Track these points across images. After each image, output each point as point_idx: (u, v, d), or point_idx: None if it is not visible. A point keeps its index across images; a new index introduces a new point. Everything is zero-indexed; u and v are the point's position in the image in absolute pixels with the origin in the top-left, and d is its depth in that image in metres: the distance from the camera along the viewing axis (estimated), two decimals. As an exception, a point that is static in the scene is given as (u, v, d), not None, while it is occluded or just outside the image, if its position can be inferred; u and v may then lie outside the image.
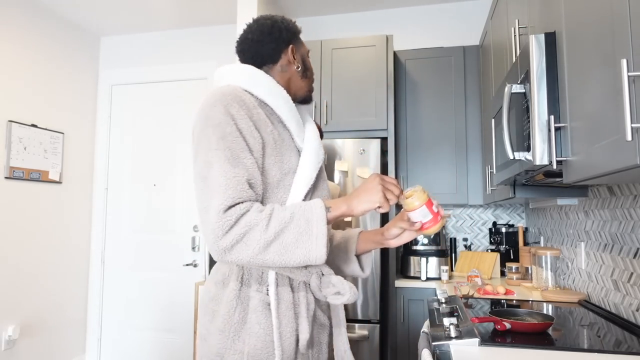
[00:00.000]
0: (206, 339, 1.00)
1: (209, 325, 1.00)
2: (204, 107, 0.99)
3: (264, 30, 1.13)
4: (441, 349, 1.24)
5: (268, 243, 0.90)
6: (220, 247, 0.89)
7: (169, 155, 3.71)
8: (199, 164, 0.95)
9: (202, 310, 1.03)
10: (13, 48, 3.12)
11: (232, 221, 0.89)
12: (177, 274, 3.61)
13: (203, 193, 0.93)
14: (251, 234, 0.89)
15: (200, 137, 0.96)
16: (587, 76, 1.06)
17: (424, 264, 2.72)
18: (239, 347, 0.96)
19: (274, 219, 0.91)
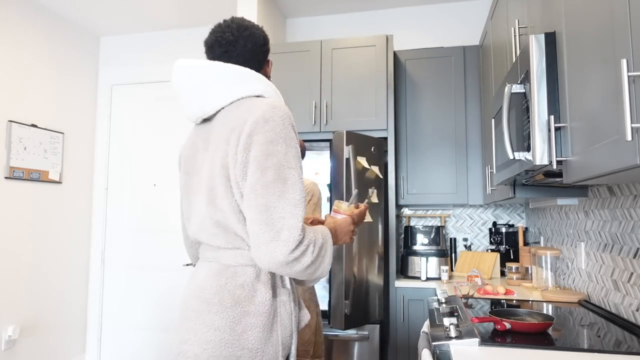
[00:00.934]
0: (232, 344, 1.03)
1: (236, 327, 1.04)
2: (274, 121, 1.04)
3: (256, 39, 1.19)
4: (441, 349, 1.24)
5: (311, 262, 1.02)
6: (289, 258, 0.98)
7: (169, 155, 3.71)
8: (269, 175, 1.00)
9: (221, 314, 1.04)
10: (13, 48, 3.12)
11: (303, 236, 1.00)
12: (177, 274, 3.61)
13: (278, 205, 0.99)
14: (307, 252, 1.01)
15: (271, 150, 1.01)
16: (587, 76, 1.06)
17: (424, 264, 2.72)
18: (275, 339, 1.06)
19: (317, 242, 1.04)
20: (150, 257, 3.68)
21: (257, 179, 1.00)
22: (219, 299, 1.05)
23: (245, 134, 1.02)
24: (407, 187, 2.96)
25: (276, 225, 0.97)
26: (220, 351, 1.02)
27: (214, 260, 1.11)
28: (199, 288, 1.09)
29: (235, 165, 1.03)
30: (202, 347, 1.03)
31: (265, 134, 1.01)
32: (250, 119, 1.03)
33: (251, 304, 1.05)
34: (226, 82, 1.11)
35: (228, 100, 1.11)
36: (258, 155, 1.01)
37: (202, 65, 1.12)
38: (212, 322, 1.04)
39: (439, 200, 2.91)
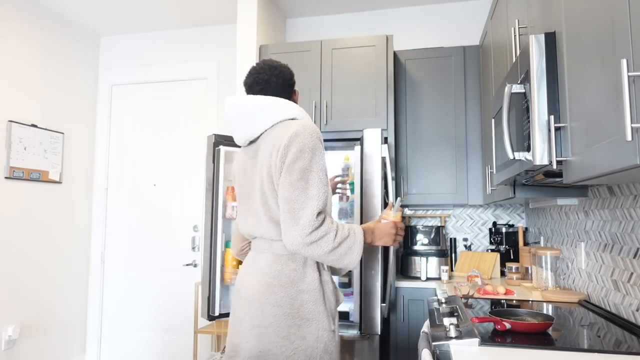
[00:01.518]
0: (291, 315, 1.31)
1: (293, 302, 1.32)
2: (304, 135, 1.32)
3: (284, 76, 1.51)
4: (441, 349, 1.24)
5: (332, 249, 1.27)
6: (306, 241, 1.23)
7: (169, 155, 3.71)
8: (295, 175, 1.28)
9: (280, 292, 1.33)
10: (13, 48, 3.12)
11: (319, 223, 1.25)
12: (177, 274, 3.61)
13: (300, 198, 1.26)
14: (325, 238, 1.25)
15: (299, 157, 1.29)
16: (587, 76, 1.06)
17: (424, 264, 2.72)
18: (323, 310, 1.35)
19: (339, 233, 1.28)
20: (150, 257, 3.68)
21: (286, 178, 1.28)
22: (278, 281, 1.33)
23: (283, 146, 1.31)
24: (407, 187, 2.96)
25: (296, 214, 1.24)
26: (284, 322, 1.31)
27: (268, 251, 1.39)
28: (260, 274, 1.37)
29: (275, 172, 1.32)
30: (268, 321, 1.31)
31: (296, 145, 1.29)
32: (286, 135, 1.32)
33: (303, 283, 1.34)
34: (266, 111, 1.40)
35: (269, 124, 1.41)
36: (289, 161, 1.29)
37: (248, 99, 1.42)
38: (274, 300, 1.32)
39: (439, 200, 2.91)
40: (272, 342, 1.31)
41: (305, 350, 1.30)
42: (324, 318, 1.34)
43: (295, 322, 1.31)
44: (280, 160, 1.30)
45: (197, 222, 3.61)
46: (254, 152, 1.45)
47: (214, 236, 2.48)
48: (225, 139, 2.56)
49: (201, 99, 3.69)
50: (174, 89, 3.76)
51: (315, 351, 1.31)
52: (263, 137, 1.42)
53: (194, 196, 3.63)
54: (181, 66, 3.73)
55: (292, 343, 1.30)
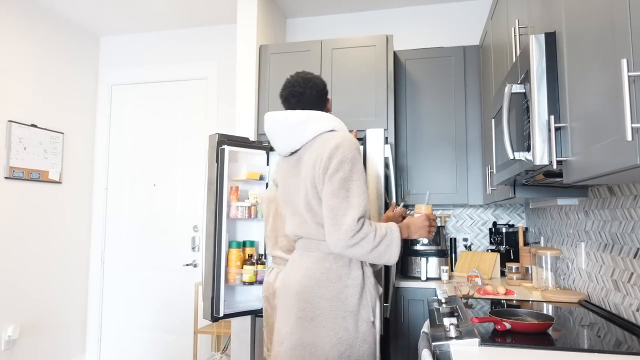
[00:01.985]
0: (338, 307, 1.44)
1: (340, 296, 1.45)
2: (344, 147, 1.43)
3: (319, 88, 1.61)
4: (441, 349, 1.24)
5: (373, 248, 1.39)
6: (348, 243, 1.36)
7: (169, 155, 3.71)
8: (336, 185, 1.40)
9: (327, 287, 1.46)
10: (13, 48, 3.12)
11: (359, 227, 1.37)
12: (177, 274, 3.61)
13: (341, 205, 1.38)
14: (365, 240, 1.38)
15: (340, 167, 1.40)
16: (587, 76, 1.06)
17: (424, 264, 2.72)
18: (365, 302, 1.48)
19: (377, 233, 1.40)
20: (150, 257, 3.68)
21: (328, 188, 1.41)
22: (327, 276, 1.46)
23: (325, 158, 1.43)
24: (407, 187, 2.96)
25: (339, 220, 1.37)
26: (330, 314, 1.43)
27: (316, 250, 1.51)
28: (309, 270, 1.49)
29: (319, 182, 1.44)
30: (315, 313, 1.44)
31: (337, 157, 1.41)
32: (328, 147, 1.44)
33: (349, 279, 1.47)
34: (306, 125, 1.51)
35: (309, 137, 1.52)
36: (331, 172, 1.41)
37: (287, 115, 1.53)
38: (323, 294, 1.45)
39: (439, 200, 2.91)
40: (317, 333, 1.43)
41: (347, 340, 1.42)
42: (365, 311, 1.47)
43: (340, 314, 1.43)
44: (323, 172, 1.43)
45: (197, 222, 3.61)
46: (295, 162, 1.57)
47: (218, 236, 2.46)
48: (228, 138, 2.55)
49: (201, 98, 3.69)
50: (174, 88, 3.76)
51: (356, 341, 1.44)
52: (304, 148, 1.55)
53: (194, 196, 3.63)
54: (181, 66, 3.73)
55: (337, 334, 1.42)
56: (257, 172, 2.64)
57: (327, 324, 1.43)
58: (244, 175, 2.60)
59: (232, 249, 2.53)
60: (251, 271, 2.48)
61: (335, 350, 1.41)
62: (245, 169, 2.59)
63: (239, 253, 2.53)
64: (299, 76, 1.60)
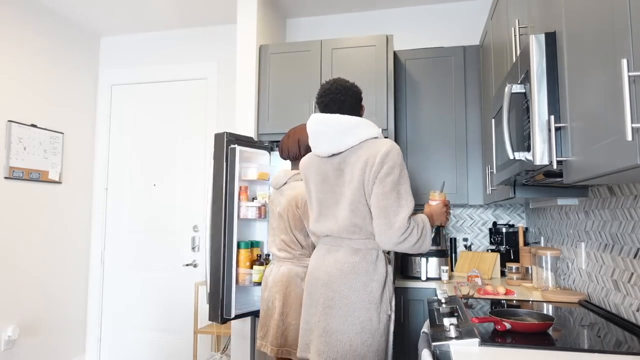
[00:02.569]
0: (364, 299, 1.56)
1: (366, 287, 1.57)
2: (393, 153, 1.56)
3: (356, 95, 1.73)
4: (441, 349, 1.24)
5: (417, 240, 1.53)
6: (400, 239, 1.50)
7: (169, 155, 3.71)
8: (387, 187, 1.53)
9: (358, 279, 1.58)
10: (13, 48, 3.12)
11: (410, 224, 1.52)
12: (177, 274, 3.61)
13: (393, 206, 1.52)
14: (412, 234, 1.53)
15: (391, 172, 1.53)
16: (587, 76, 1.06)
17: (424, 264, 2.72)
18: (385, 297, 1.61)
19: (418, 226, 1.55)
20: (150, 257, 3.68)
21: (379, 189, 1.53)
22: (356, 270, 1.58)
23: (376, 163, 1.54)
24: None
25: (391, 220, 1.51)
26: (356, 304, 1.55)
27: (346, 245, 1.63)
28: (339, 263, 1.60)
29: (369, 184, 1.56)
30: (343, 302, 1.56)
31: (389, 163, 1.54)
32: (379, 153, 1.55)
33: (375, 274, 1.60)
34: (354, 131, 1.61)
35: (357, 141, 1.61)
36: (382, 175, 1.54)
37: (337, 119, 1.62)
38: (351, 285, 1.57)
39: (439, 200, 2.91)
40: (344, 321, 1.55)
41: (370, 330, 1.54)
42: (385, 304, 1.60)
43: (364, 305, 1.56)
44: (374, 175, 1.54)
45: (197, 222, 3.61)
46: (338, 164, 1.66)
47: (229, 237, 2.43)
48: (237, 137, 2.53)
49: (201, 98, 3.69)
50: (174, 88, 3.76)
51: (377, 331, 1.56)
52: (349, 152, 1.63)
53: (194, 196, 3.62)
54: (181, 66, 3.73)
55: (361, 322, 1.54)
56: (266, 172, 2.64)
57: (353, 313, 1.55)
58: (254, 175, 2.58)
59: (241, 250, 2.52)
60: (261, 271, 2.47)
61: (359, 338, 1.53)
62: (255, 169, 2.59)
63: (247, 253, 2.53)
64: (338, 84, 1.70)
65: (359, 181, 1.58)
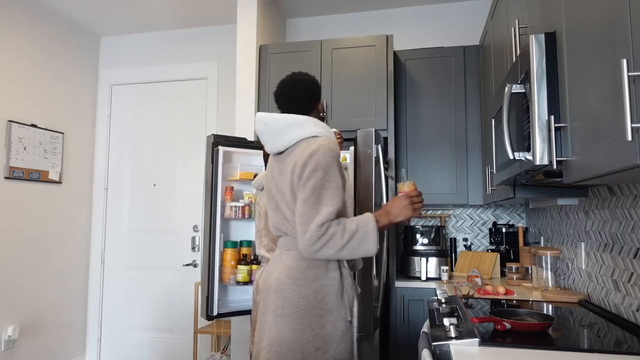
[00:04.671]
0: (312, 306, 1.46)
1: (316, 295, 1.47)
2: (318, 154, 1.44)
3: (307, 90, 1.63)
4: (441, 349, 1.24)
5: (343, 246, 1.40)
6: (313, 249, 1.39)
7: (169, 155, 3.71)
8: (307, 192, 1.42)
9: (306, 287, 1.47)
10: (13, 48, 3.12)
11: (323, 232, 1.38)
12: (177, 274, 3.61)
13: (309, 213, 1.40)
14: (332, 240, 1.39)
15: (312, 175, 1.43)
16: (587, 76, 1.06)
17: (424, 264, 2.72)
18: (343, 303, 1.50)
19: (347, 230, 1.41)
20: (150, 257, 3.68)
21: (301, 195, 1.44)
22: (304, 275, 1.48)
23: (300, 165, 1.46)
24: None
25: (305, 228, 1.40)
26: (307, 312, 1.45)
27: (295, 249, 1.53)
28: (288, 268, 1.50)
29: (296, 187, 1.48)
30: (293, 310, 1.45)
31: (311, 165, 1.43)
32: (304, 154, 1.46)
33: (326, 279, 1.49)
34: (290, 130, 1.54)
35: (293, 141, 1.53)
36: (304, 179, 1.44)
37: (273, 117, 1.56)
38: (300, 292, 1.46)
39: (439, 200, 2.91)
40: (295, 329, 1.45)
41: (324, 337, 1.45)
42: (342, 310, 1.49)
43: (316, 312, 1.46)
44: (298, 178, 1.46)
45: (197, 222, 3.61)
46: (280, 162, 1.60)
47: (212, 236, 2.48)
48: (224, 139, 2.55)
49: (201, 98, 3.69)
50: (174, 88, 3.76)
51: (333, 339, 1.46)
52: (289, 150, 1.57)
53: (194, 196, 3.63)
54: (181, 66, 3.73)
55: (313, 330, 1.45)
56: (251, 172, 2.64)
57: (304, 321, 1.45)
58: (238, 175, 2.61)
59: (228, 249, 2.54)
60: (245, 271, 2.49)
61: (312, 346, 1.43)
62: (239, 169, 2.61)
63: (234, 253, 2.55)
64: (291, 77, 1.64)
65: (290, 184, 1.50)
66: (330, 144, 1.49)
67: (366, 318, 2.31)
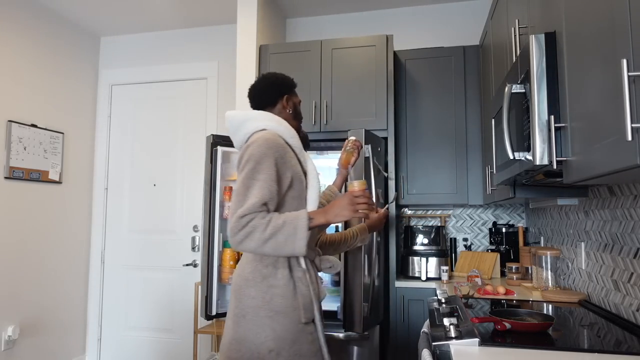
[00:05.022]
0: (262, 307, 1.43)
1: (265, 296, 1.44)
2: (253, 146, 1.43)
3: (267, 83, 1.63)
4: (441, 349, 1.24)
5: (265, 240, 1.34)
6: (235, 240, 1.34)
7: (169, 155, 3.71)
8: (238, 184, 1.40)
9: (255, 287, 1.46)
10: (13, 48, 3.12)
11: (243, 224, 1.33)
12: (177, 274, 3.61)
13: (235, 205, 1.37)
14: (253, 234, 1.33)
15: (244, 167, 1.41)
16: (587, 76, 1.06)
17: (424, 264, 2.72)
18: (296, 304, 1.45)
19: (270, 225, 1.34)
20: (150, 257, 3.67)
21: (235, 186, 1.42)
22: (253, 276, 1.46)
23: (238, 159, 1.47)
24: (407, 187, 2.96)
25: (230, 218, 1.37)
26: (257, 313, 1.43)
27: None
28: (240, 269, 1.51)
29: None
30: (245, 311, 1.45)
31: (245, 156, 1.43)
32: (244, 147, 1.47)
33: (275, 280, 1.45)
34: (243, 126, 1.55)
35: (246, 136, 1.55)
36: (239, 170, 1.44)
37: (232, 115, 1.58)
38: (249, 293, 1.45)
39: (439, 200, 2.91)
40: (249, 329, 1.44)
41: (274, 340, 1.41)
42: (293, 312, 1.44)
43: (266, 314, 1.43)
44: (238, 172, 1.47)
45: (197, 222, 3.61)
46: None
47: (211, 236, 2.50)
48: (223, 139, 2.56)
49: (201, 98, 3.69)
50: (174, 88, 3.75)
51: (285, 341, 1.42)
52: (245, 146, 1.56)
53: (194, 196, 3.62)
54: (181, 66, 3.73)
55: (264, 331, 1.42)
56: None
57: (256, 322, 1.43)
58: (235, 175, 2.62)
59: (227, 249, 2.56)
60: None
61: (265, 347, 1.41)
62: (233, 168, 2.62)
63: (233, 253, 2.56)
64: (262, 74, 1.67)
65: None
66: (272, 136, 1.45)
67: (355, 317, 2.31)
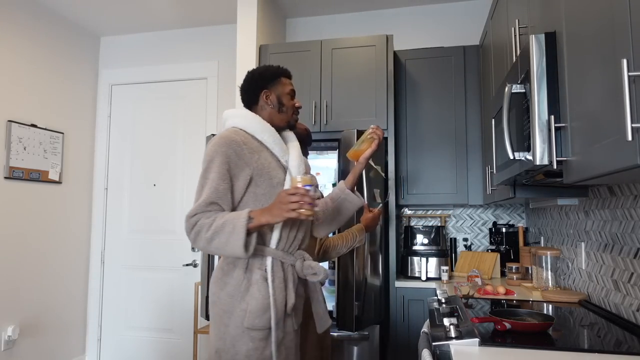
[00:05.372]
0: (216, 303, 1.45)
1: (219, 292, 1.45)
2: (208, 145, 1.43)
3: (247, 80, 1.60)
4: (441, 349, 1.24)
5: (209, 240, 1.34)
6: (190, 238, 1.37)
7: (169, 155, 3.71)
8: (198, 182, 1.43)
9: (214, 282, 1.48)
10: (13, 48, 3.12)
11: (192, 224, 1.36)
12: (177, 274, 3.61)
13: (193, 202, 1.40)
14: (200, 234, 1.35)
15: (202, 165, 1.42)
16: (587, 76, 1.06)
17: (424, 264, 2.72)
18: (243, 306, 1.40)
19: (213, 225, 1.34)
20: (150, 257, 3.67)
21: None
22: (217, 273, 1.49)
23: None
24: (407, 187, 2.96)
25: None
26: (213, 307, 1.47)
27: None
28: (214, 270, 1.52)
29: None
30: (211, 310, 1.48)
31: (203, 157, 1.43)
32: None
33: (230, 279, 1.44)
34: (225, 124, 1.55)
35: None
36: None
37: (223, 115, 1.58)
38: (211, 288, 1.48)
39: (439, 200, 2.91)
40: (213, 322, 1.48)
41: (221, 339, 1.42)
42: (239, 314, 1.40)
43: (217, 312, 1.45)
44: None
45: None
46: None
47: None
48: None
49: (201, 98, 3.69)
50: (174, 88, 3.75)
51: (225, 343, 1.41)
52: None
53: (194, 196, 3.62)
54: (181, 66, 3.73)
55: (219, 328, 1.44)
56: None
57: (214, 318, 1.46)
58: None
59: None
60: None
61: (215, 344, 1.43)
62: None
63: None
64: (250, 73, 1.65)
65: None
66: (228, 134, 1.43)
67: (347, 316, 2.31)
